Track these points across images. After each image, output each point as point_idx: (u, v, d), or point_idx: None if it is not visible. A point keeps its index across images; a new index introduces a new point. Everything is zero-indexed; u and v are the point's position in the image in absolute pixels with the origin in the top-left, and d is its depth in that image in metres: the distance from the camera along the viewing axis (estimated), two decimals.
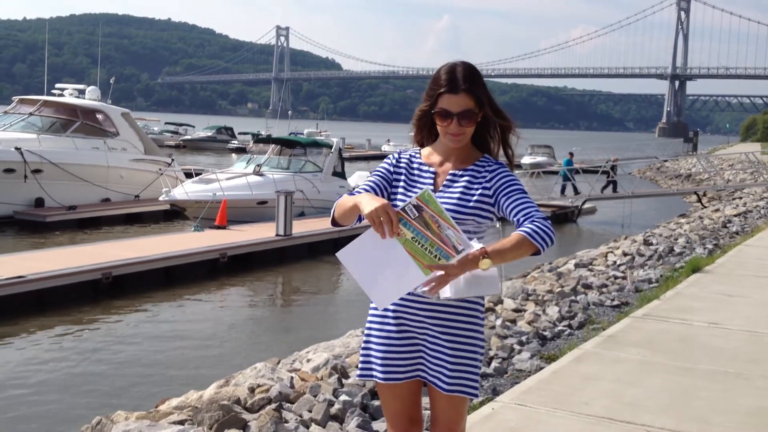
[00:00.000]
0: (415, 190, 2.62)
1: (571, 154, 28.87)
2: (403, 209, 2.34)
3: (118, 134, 20.10)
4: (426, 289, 2.41)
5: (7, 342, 8.73)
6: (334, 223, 2.56)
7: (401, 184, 2.66)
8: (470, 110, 2.53)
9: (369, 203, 2.34)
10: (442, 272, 2.34)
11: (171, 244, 13.13)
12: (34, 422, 6.50)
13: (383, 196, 2.61)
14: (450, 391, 2.59)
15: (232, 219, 15.33)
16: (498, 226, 2.56)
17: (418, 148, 2.74)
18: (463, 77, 2.54)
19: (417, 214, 2.33)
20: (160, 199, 16.66)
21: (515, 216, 2.49)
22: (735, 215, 18.63)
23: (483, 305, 2.67)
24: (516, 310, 7.93)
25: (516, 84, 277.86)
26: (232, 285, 12.31)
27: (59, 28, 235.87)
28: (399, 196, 2.62)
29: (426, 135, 2.71)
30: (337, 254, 2.42)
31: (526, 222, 2.45)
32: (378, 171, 2.69)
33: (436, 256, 2.33)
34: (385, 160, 2.75)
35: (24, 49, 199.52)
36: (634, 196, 24.01)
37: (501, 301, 8.13)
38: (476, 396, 2.65)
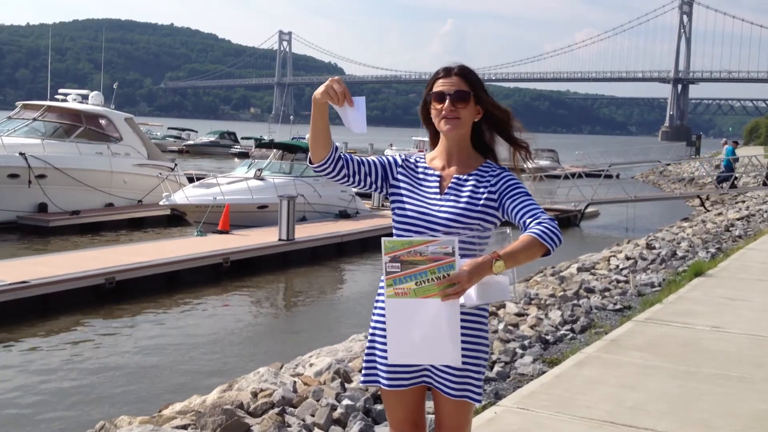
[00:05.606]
0: (420, 191, 2.64)
1: (736, 143, 26.17)
2: (387, 273, 2.34)
3: (122, 139, 20.12)
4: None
5: (10, 347, 8.75)
6: (313, 160, 2.62)
7: (403, 185, 2.68)
8: (463, 91, 2.60)
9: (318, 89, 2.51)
10: (456, 285, 2.32)
11: (174, 249, 13.14)
12: (38, 427, 6.51)
13: (384, 177, 2.69)
14: (456, 396, 2.60)
15: (232, 223, 15.34)
16: (508, 231, 2.55)
17: (422, 154, 2.77)
18: (457, 66, 2.67)
19: (399, 265, 2.33)
20: (161, 203, 16.70)
21: (521, 218, 2.50)
22: (738, 219, 18.60)
23: (488, 310, 2.68)
24: (518, 315, 7.94)
25: (519, 88, 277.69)
26: (235, 290, 12.32)
27: (62, 33, 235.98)
28: (404, 198, 2.65)
29: (434, 133, 2.74)
30: (385, 298, 2.41)
31: (533, 223, 2.46)
32: (383, 157, 2.75)
33: (442, 275, 2.32)
34: (392, 155, 2.78)
35: (27, 54, 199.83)
36: (636, 199, 23.98)
37: (504, 305, 8.14)
38: (479, 401, 2.66)
